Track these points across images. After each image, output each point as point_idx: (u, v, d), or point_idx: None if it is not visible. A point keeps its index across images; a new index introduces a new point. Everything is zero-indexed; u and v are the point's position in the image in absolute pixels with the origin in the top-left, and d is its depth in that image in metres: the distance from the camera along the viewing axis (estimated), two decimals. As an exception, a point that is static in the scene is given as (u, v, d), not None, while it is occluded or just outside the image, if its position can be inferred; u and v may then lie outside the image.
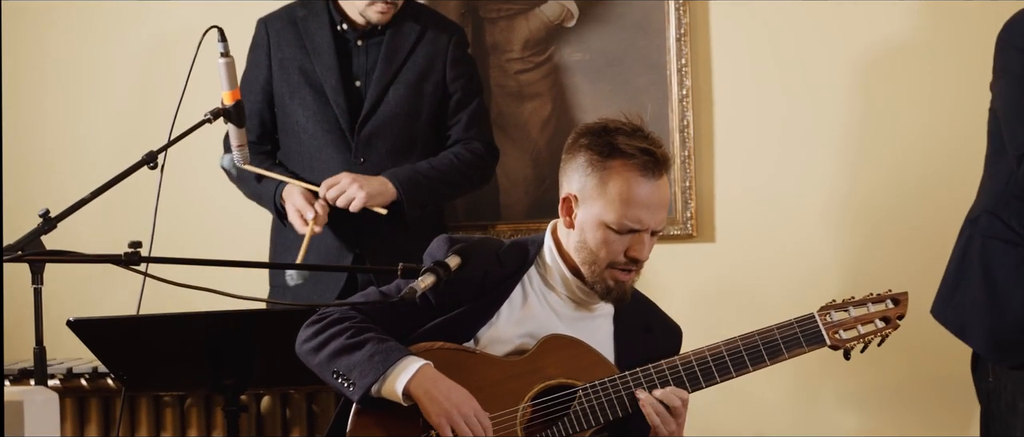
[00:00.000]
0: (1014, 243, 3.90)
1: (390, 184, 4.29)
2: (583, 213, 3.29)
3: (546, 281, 3.38)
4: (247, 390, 3.96)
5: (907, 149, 4.56)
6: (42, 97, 5.08)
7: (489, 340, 3.33)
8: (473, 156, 4.43)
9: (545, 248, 3.40)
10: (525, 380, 3.28)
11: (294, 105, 4.41)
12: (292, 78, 4.42)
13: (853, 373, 4.60)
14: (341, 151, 4.36)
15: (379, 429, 3.23)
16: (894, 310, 3.40)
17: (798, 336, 3.34)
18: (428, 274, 3.15)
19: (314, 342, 3.27)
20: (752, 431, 4.67)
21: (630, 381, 3.28)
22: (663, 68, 4.67)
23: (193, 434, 4.14)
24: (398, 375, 3.17)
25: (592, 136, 3.31)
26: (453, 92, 4.44)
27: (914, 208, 4.52)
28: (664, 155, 3.28)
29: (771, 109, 4.65)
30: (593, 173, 3.27)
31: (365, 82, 4.38)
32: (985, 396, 4.01)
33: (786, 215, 4.64)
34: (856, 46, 4.58)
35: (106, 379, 4.13)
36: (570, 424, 3.26)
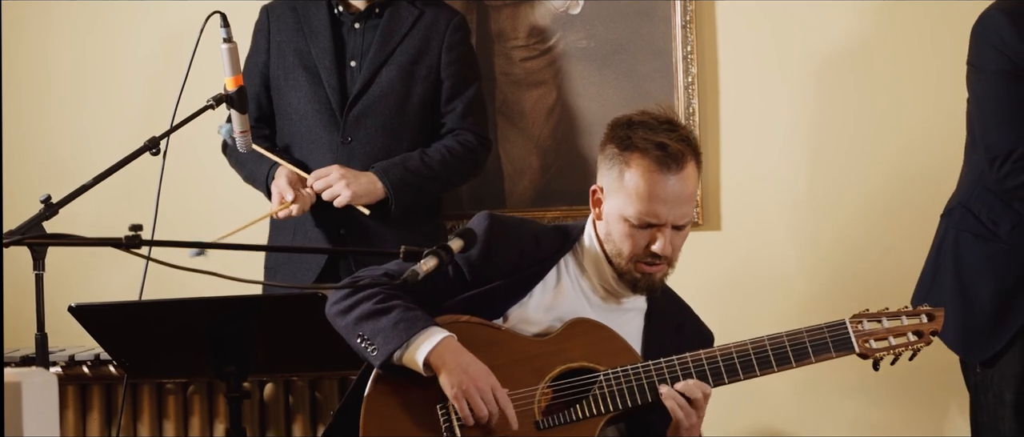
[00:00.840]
0: (983, 237, 3.89)
1: (379, 183, 4.27)
2: (608, 206, 3.30)
3: (582, 268, 3.38)
4: (249, 377, 3.94)
5: (912, 139, 4.54)
6: (45, 85, 5.07)
7: (518, 319, 3.33)
8: (465, 149, 4.39)
9: (585, 234, 3.40)
10: (547, 360, 3.27)
11: (288, 87, 4.41)
12: (287, 60, 4.41)
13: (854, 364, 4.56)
14: (329, 131, 4.36)
15: (396, 397, 3.23)
16: (928, 325, 3.38)
17: (827, 341, 3.32)
18: (430, 257, 3.12)
19: (343, 304, 3.27)
20: (754, 421, 4.65)
21: (652, 371, 3.26)
22: (668, 55, 4.65)
23: (196, 422, 4.12)
24: (421, 344, 3.17)
25: (617, 128, 3.31)
26: (446, 78, 4.40)
27: (919, 197, 4.50)
28: (682, 149, 3.24)
29: (777, 97, 4.63)
30: (614, 166, 3.28)
31: (360, 64, 4.37)
32: (973, 388, 4.00)
33: (792, 203, 4.62)
34: (862, 35, 4.56)
35: (108, 366, 4.12)
36: (587, 408, 3.25)
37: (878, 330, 3.35)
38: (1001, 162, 3.78)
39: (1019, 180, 3.77)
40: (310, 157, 4.34)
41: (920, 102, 4.52)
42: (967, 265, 3.91)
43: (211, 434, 4.12)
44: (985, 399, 3.95)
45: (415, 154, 4.34)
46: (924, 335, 3.38)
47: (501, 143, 4.75)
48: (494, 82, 4.75)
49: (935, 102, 4.49)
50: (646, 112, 3.32)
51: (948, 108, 4.43)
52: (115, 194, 4.55)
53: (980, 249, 3.90)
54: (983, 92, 3.86)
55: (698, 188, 3.55)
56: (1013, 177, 3.77)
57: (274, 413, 4.10)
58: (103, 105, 5.04)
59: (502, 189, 4.76)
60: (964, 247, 3.94)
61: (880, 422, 4.57)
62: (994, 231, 3.87)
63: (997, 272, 3.86)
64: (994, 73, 3.81)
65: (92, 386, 4.15)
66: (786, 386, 4.61)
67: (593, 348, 3.28)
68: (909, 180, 4.52)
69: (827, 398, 4.61)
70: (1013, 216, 3.85)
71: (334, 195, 4.24)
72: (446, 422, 3.20)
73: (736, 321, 3.44)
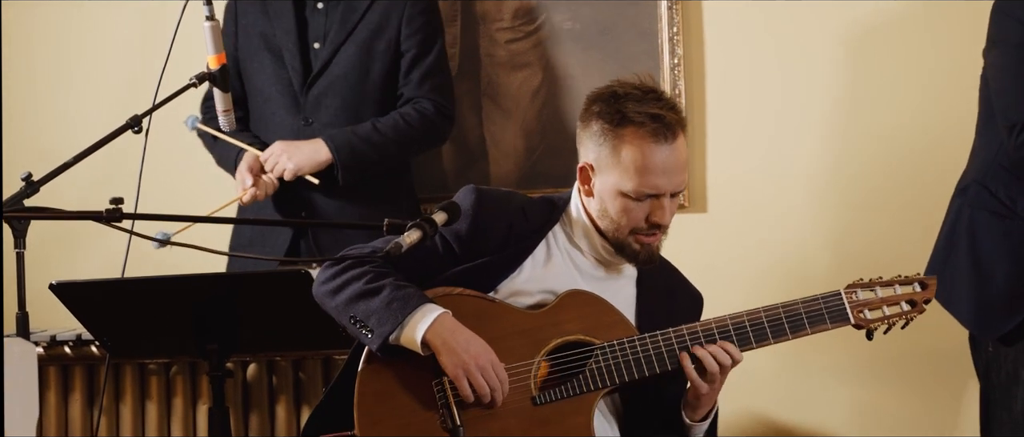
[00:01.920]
0: (1000, 214, 3.88)
1: (324, 148, 4.26)
2: (601, 182, 3.27)
3: (571, 239, 3.36)
4: (233, 356, 3.92)
5: (901, 120, 4.53)
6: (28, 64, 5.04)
7: (509, 293, 3.31)
8: (420, 116, 4.35)
9: (572, 205, 3.38)
10: (543, 333, 3.25)
11: (254, 70, 4.40)
12: (252, 43, 4.40)
13: (846, 346, 4.57)
14: (292, 114, 4.35)
15: (391, 373, 3.20)
16: (921, 294, 3.37)
17: (823, 312, 3.31)
18: (414, 230, 3.10)
19: (332, 285, 3.23)
20: (743, 405, 4.63)
21: (648, 344, 3.25)
22: (654, 37, 4.63)
23: (178, 403, 4.09)
24: (417, 323, 3.13)
25: (602, 103, 3.27)
26: (406, 50, 4.38)
27: (907, 179, 4.49)
28: (675, 118, 3.23)
29: (764, 78, 4.62)
30: (606, 142, 3.24)
31: (323, 45, 4.35)
32: (984, 367, 3.99)
33: (779, 186, 4.61)
34: (850, 16, 4.55)
35: (90, 347, 4.08)
36: (584, 382, 3.23)
37: (872, 300, 3.34)
38: (1019, 132, 3.77)
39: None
40: (273, 138, 4.34)
41: (911, 82, 4.51)
42: (983, 242, 3.90)
43: (194, 415, 4.09)
44: (997, 378, 3.94)
45: (366, 123, 4.33)
46: (917, 304, 3.37)
47: (486, 125, 4.74)
48: (479, 64, 4.74)
49: (924, 83, 4.48)
50: (625, 82, 3.30)
51: (938, 90, 4.44)
52: (96, 175, 4.53)
53: (997, 226, 3.89)
54: (1004, 64, 3.85)
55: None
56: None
57: (257, 393, 4.08)
58: (85, 84, 5.02)
59: (487, 171, 4.74)
60: (980, 225, 3.92)
61: (871, 403, 4.55)
62: (1011, 208, 3.86)
63: (1014, 249, 3.85)
64: (1017, 46, 3.80)
65: (74, 367, 4.12)
66: (776, 367, 4.60)
67: (589, 321, 3.26)
68: (898, 161, 4.50)
69: (817, 379, 4.60)
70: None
71: (281, 170, 4.25)
72: (442, 398, 3.17)
73: (722, 303, 3.42)
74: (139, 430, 4.11)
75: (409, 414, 3.18)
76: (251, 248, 4.36)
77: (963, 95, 4.13)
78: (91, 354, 4.09)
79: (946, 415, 4.46)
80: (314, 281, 3.29)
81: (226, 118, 3.93)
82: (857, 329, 3.34)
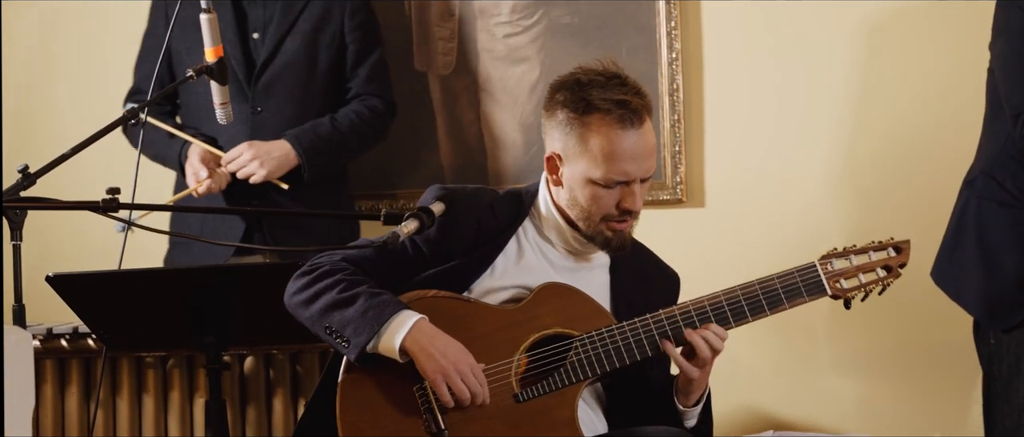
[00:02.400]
0: (1008, 205, 3.87)
1: (293, 153, 4.30)
2: (569, 171, 3.25)
3: (541, 232, 3.35)
4: (229, 348, 3.91)
5: (902, 112, 4.52)
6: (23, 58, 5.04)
7: (484, 291, 3.29)
8: (372, 114, 4.45)
9: (540, 198, 3.36)
10: (521, 329, 3.24)
11: (193, 61, 4.35)
12: (189, 35, 4.38)
13: (849, 338, 4.57)
14: (238, 103, 4.34)
15: (370, 383, 3.19)
16: (896, 258, 3.36)
17: (799, 285, 3.29)
18: (411, 219, 3.10)
19: (304, 294, 3.21)
20: (744, 400, 4.63)
21: (627, 332, 3.23)
22: (652, 31, 4.62)
23: (175, 396, 4.09)
24: (394, 331, 3.12)
25: (566, 91, 3.25)
26: (351, 42, 4.45)
27: (908, 172, 4.48)
28: (641, 104, 3.22)
29: (762, 72, 4.61)
30: (573, 131, 3.22)
31: (263, 35, 4.36)
32: (987, 358, 3.99)
33: (777, 180, 4.60)
34: (848, 11, 4.54)
35: (87, 340, 4.08)
36: (566, 375, 3.21)
37: (847, 269, 3.32)
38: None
39: None
40: (223, 129, 4.31)
41: (912, 76, 4.50)
42: (991, 233, 3.90)
43: (191, 408, 4.09)
44: (998, 369, 3.94)
45: (325, 120, 4.39)
46: (893, 269, 3.35)
47: (484, 119, 4.73)
48: (477, 58, 4.73)
49: (926, 75, 4.47)
50: (588, 69, 3.27)
51: (940, 81, 4.43)
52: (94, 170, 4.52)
53: (1005, 217, 3.88)
54: (1010, 53, 3.84)
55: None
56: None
57: (254, 386, 4.07)
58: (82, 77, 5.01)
59: (484, 165, 4.73)
60: (988, 215, 3.92)
61: (869, 399, 4.54)
62: (1020, 198, 3.85)
63: (1022, 239, 3.84)
64: (1020, 33, 3.79)
65: (70, 360, 4.12)
66: (776, 362, 4.59)
67: (565, 313, 3.25)
68: (900, 155, 4.50)
69: (817, 374, 4.59)
70: None
71: (249, 174, 4.27)
72: (425, 403, 3.17)
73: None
74: (136, 424, 4.11)
75: (392, 422, 3.17)
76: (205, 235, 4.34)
77: (965, 90, 4.13)
78: (88, 347, 4.09)
79: (947, 409, 4.45)
80: (286, 291, 3.26)
81: (223, 111, 3.93)
82: (834, 299, 3.31)
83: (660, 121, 4.61)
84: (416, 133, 4.77)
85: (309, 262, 3.28)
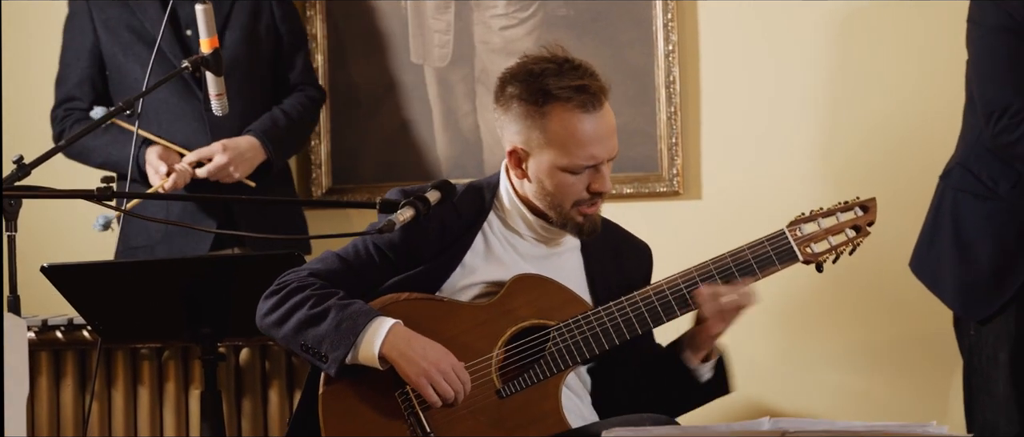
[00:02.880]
0: (983, 197, 3.88)
1: (261, 149, 4.30)
2: (535, 163, 3.21)
3: (507, 224, 3.31)
4: (225, 339, 3.91)
5: (894, 104, 4.52)
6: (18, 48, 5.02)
7: (455, 290, 3.27)
8: (312, 102, 4.51)
9: (502, 191, 3.32)
10: (497, 324, 3.22)
11: (130, 63, 4.34)
12: (122, 37, 4.35)
13: (841, 331, 4.57)
14: (187, 100, 4.32)
15: (352, 393, 3.17)
16: (864, 217, 3.34)
17: (770, 254, 3.28)
18: (407, 207, 3.09)
19: (275, 315, 3.19)
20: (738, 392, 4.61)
21: (603, 316, 3.22)
22: (649, 24, 4.62)
23: (171, 388, 4.08)
24: (371, 340, 3.10)
25: (520, 84, 3.21)
26: (285, 33, 4.47)
27: (901, 164, 4.48)
28: (598, 86, 3.19)
29: (758, 64, 4.60)
30: (533, 124, 3.18)
31: (195, 30, 4.31)
32: (967, 349, 3.99)
33: (773, 172, 4.59)
34: (843, 4, 4.53)
35: (82, 331, 4.07)
36: (546, 366, 3.20)
37: (816, 232, 3.31)
38: (997, 117, 3.77)
39: (1014, 136, 3.76)
40: (174, 128, 4.31)
41: (906, 67, 4.50)
42: (966, 224, 3.90)
43: (186, 400, 4.08)
44: (978, 361, 3.94)
45: (278, 112, 4.41)
46: (862, 228, 3.33)
47: (480, 112, 4.72)
48: (473, 50, 4.72)
49: (920, 63, 4.47)
50: (537, 58, 3.23)
51: (930, 72, 4.43)
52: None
53: (980, 208, 3.89)
54: (982, 48, 3.85)
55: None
56: (1008, 133, 3.77)
57: (250, 378, 4.07)
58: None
59: (481, 158, 4.72)
60: (963, 206, 3.92)
61: (864, 391, 4.54)
62: (994, 190, 3.85)
63: (997, 231, 3.85)
64: (993, 29, 3.80)
65: (65, 352, 4.10)
66: (770, 355, 4.59)
67: (540, 303, 3.23)
68: (895, 146, 4.50)
69: (810, 368, 4.58)
70: (1012, 175, 3.84)
71: (226, 176, 4.24)
72: (408, 407, 3.15)
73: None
74: (131, 415, 4.10)
75: (377, 429, 3.16)
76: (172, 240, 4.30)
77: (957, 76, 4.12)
78: (83, 339, 4.08)
79: (938, 400, 4.45)
80: (257, 312, 3.23)
81: (218, 102, 3.93)
82: (806, 265, 3.29)
83: (657, 114, 4.60)
84: (412, 125, 4.76)
85: (277, 281, 3.25)
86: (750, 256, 3.27)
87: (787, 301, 4.56)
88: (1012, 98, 3.76)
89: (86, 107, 4.35)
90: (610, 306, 3.22)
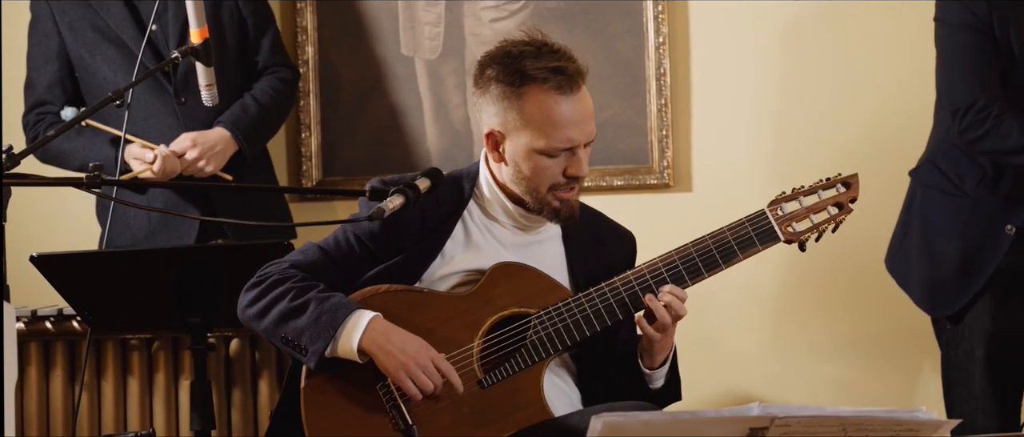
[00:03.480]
0: (950, 193, 3.89)
1: (232, 140, 4.26)
2: (512, 146, 3.21)
3: (487, 213, 3.31)
4: (215, 329, 3.90)
5: (885, 98, 4.53)
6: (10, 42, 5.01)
7: (435, 280, 3.26)
8: (285, 85, 4.44)
9: (481, 179, 3.32)
10: (477, 314, 3.21)
11: (98, 63, 4.32)
12: (87, 37, 4.32)
13: (829, 323, 4.57)
14: (159, 95, 4.29)
15: (333, 386, 3.17)
16: (846, 194, 3.30)
17: (751, 235, 3.25)
18: (397, 195, 3.08)
19: (256, 307, 3.18)
20: (726, 383, 4.62)
21: (584, 303, 3.20)
22: (639, 15, 4.62)
23: (160, 378, 4.07)
24: (350, 334, 3.09)
25: (498, 66, 3.21)
26: (248, 16, 4.41)
27: (892, 157, 4.48)
28: (576, 68, 3.18)
29: (748, 57, 4.61)
30: (510, 105, 3.18)
31: (159, 24, 4.28)
32: (944, 344, 4.01)
33: (763, 164, 4.60)
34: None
35: (71, 322, 4.06)
36: (528, 355, 3.19)
37: (798, 211, 3.26)
38: (962, 114, 3.79)
39: (979, 132, 3.78)
40: (148, 124, 4.28)
41: (892, 57, 4.51)
42: (933, 221, 3.91)
43: (176, 391, 4.08)
44: (955, 355, 3.95)
45: (249, 100, 4.36)
46: (844, 205, 3.29)
47: (470, 104, 4.71)
48: (464, 43, 4.72)
49: (907, 61, 4.47)
50: (515, 41, 3.23)
51: (919, 66, 4.42)
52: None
53: (946, 205, 3.90)
54: (947, 45, 3.87)
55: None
56: (974, 129, 3.78)
57: (240, 368, 4.06)
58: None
59: (471, 150, 4.72)
60: (930, 203, 3.94)
61: (853, 383, 4.55)
62: (960, 187, 3.87)
63: (962, 227, 3.86)
64: (957, 26, 3.82)
65: (55, 342, 4.10)
66: (758, 347, 4.59)
67: (520, 291, 3.22)
68: (881, 139, 4.50)
69: (799, 360, 4.59)
70: (978, 171, 3.85)
71: (199, 171, 4.21)
72: (390, 400, 3.15)
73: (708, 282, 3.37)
74: (121, 406, 4.09)
75: (359, 422, 3.15)
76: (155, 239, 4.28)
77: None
78: (72, 329, 4.07)
79: (925, 391, 4.46)
80: (238, 304, 3.23)
81: (209, 93, 3.91)
82: (788, 244, 3.26)
83: (647, 105, 4.60)
84: (402, 118, 4.76)
85: (258, 273, 3.25)
86: (730, 238, 3.25)
87: (775, 293, 4.57)
88: (978, 95, 3.78)
89: (57, 110, 4.33)
90: (590, 293, 3.21)
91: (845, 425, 2.55)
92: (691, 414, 2.54)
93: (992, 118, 3.76)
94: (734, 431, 2.51)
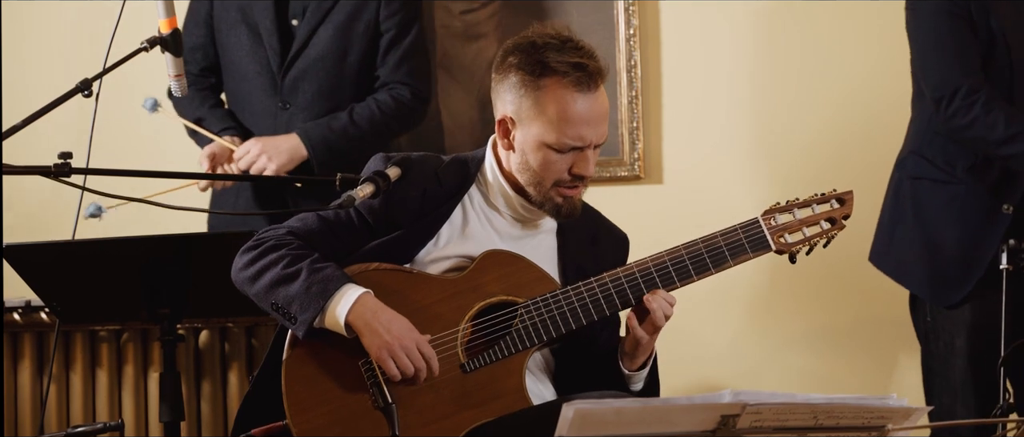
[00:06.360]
0: (941, 181, 3.89)
1: (302, 148, 4.22)
2: (522, 135, 3.20)
3: (488, 200, 3.30)
4: (184, 320, 3.88)
5: (857, 86, 4.54)
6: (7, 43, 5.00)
7: (428, 261, 3.25)
8: (397, 104, 4.32)
9: (486, 165, 3.31)
10: (465, 299, 3.20)
11: (231, 43, 4.34)
12: (230, 15, 4.34)
13: (802, 315, 4.58)
14: (268, 95, 4.31)
15: (316, 359, 3.16)
16: (839, 210, 3.30)
17: (743, 242, 3.24)
18: (367, 184, 3.08)
19: (250, 271, 3.18)
20: (700, 375, 4.63)
21: (572, 296, 3.20)
22: (610, 8, 4.63)
23: (129, 370, 4.06)
24: (337, 306, 3.09)
25: (521, 54, 3.19)
26: (385, 31, 4.33)
27: (862, 151, 4.50)
28: (598, 67, 3.17)
29: (719, 48, 4.61)
30: (527, 94, 3.17)
31: (301, 21, 4.29)
32: (924, 336, 4.01)
33: (735, 155, 4.60)
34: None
35: (39, 314, 4.04)
36: (512, 343, 3.19)
37: (791, 223, 3.26)
38: (948, 100, 3.78)
39: (966, 119, 3.77)
40: (251, 122, 4.31)
41: (864, 49, 4.52)
42: (929, 211, 3.90)
43: (145, 383, 4.06)
44: (936, 347, 3.96)
45: (342, 113, 4.28)
46: (837, 221, 3.28)
47: (441, 97, 4.72)
48: (434, 35, 4.71)
49: (878, 49, 4.49)
50: (542, 33, 3.21)
51: (891, 54, 4.44)
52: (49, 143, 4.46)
53: (940, 193, 3.90)
54: (925, 33, 3.86)
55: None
56: (960, 116, 3.77)
57: (209, 360, 4.05)
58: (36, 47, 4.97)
59: (442, 143, 4.72)
60: (923, 194, 3.93)
61: (827, 374, 4.56)
62: (952, 173, 3.87)
63: (960, 213, 3.86)
64: (933, 12, 3.81)
65: (23, 334, 4.09)
66: (729, 338, 4.60)
67: (509, 280, 3.21)
68: (854, 128, 4.51)
69: (771, 351, 4.60)
70: (968, 155, 3.85)
71: (260, 169, 4.20)
72: (371, 378, 3.14)
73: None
74: (90, 398, 4.08)
75: (339, 397, 3.14)
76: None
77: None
78: (41, 321, 4.06)
79: (899, 383, 4.48)
80: (233, 266, 3.23)
81: (178, 83, 3.87)
82: (779, 255, 3.26)
83: (618, 97, 4.60)
84: (373, 110, 4.74)
85: (255, 236, 3.25)
86: (722, 242, 3.24)
87: (748, 286, 4.57)
88: (961, 80, 3.77)
89: (196, 72, 4.34)
90: (579, 287, 3.20)
91: (816, 412, 2.56)
92: (662, 401, 2.54)
93: (980, 105, 3.76)
94: (705, 418, 2.52)
